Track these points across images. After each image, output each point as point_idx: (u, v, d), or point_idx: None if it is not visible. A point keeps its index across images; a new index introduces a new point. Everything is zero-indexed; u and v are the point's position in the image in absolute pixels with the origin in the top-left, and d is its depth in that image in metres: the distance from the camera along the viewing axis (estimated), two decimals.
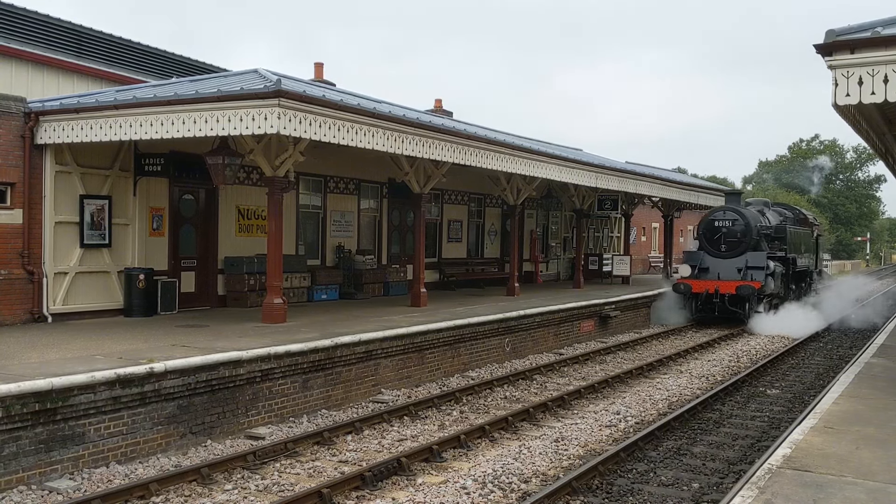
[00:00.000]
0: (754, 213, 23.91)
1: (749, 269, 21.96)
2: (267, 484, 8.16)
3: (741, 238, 22.49)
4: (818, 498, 5.70)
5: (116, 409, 8.72)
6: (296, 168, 15.03)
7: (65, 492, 7.81)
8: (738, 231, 22.61)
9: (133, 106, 12.47)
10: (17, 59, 15.36)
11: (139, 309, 14.30)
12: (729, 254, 22.55)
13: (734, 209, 23.19)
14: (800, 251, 26.09)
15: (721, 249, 22.74)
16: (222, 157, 13.37)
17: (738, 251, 22.44)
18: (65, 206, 13.74)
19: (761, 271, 21.90)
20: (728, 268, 22.25)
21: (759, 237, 22.84)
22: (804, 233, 27.47)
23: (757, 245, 22.71)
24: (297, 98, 11.56)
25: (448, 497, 7.68)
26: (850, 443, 7.24)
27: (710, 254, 22.87)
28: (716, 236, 22.84)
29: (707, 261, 22.76)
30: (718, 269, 22.44)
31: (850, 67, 8.02)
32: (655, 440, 9.88)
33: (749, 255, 22.25)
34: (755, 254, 22.35)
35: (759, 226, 23.09)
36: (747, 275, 21.78)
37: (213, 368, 9.76)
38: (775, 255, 23.15)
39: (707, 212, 24.55)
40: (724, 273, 22.21)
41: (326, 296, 18.43)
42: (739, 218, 22.77)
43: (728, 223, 22.84)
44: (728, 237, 22.69)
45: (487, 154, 16.77)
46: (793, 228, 25.58)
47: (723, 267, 22.40)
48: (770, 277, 22.01)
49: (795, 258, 25.22)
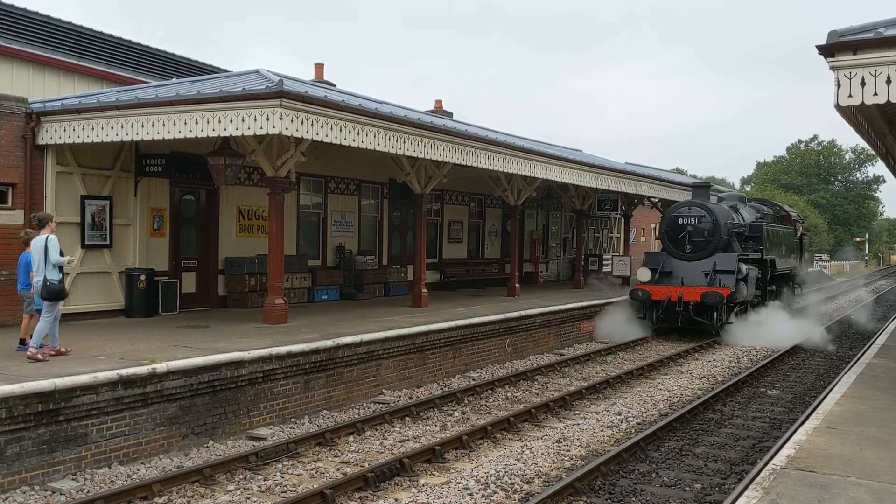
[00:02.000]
0: (725, 209, 21.11)
1: (718, 272, 19.14)
2: (269, 485, 8.16)
3: (708, 237, 19.65)
4: (823, 498, 5.70)
5: (119, 410, 8.72)
6: (297, 168, 15.04)
7: (67, 492, 7.81)
8: (704, 229, 19.73)
9: (135, 106, 12.46)
10: (19, 60, 15.34)
11: (140, 309, 14.29)
12: (695, 255, 19.74)
13: (701, 204, 20.25)
14: (780, 252, 23.34)
15: (686, 250, 19.88)
16: (224, 158, 13.37)
17: (705, 252, 19.62)
18: (66, 207, 13.73)
19: (731, 275, 19.10)
20: (694, 271, 19.48)
21: (730, 236, 20.02)
22: (785, 231, 24.65)
23: (728, 245, 19.93)
24: (299, 98, 11.56)
25: (451, 498, 7.68)
26: (853, 443, 7.25)
27: (673, 255, 20.05)
28: (679, 235, 19.94)
29: (670, 263, 19.92)
30: (683, 272, 19.60)
31: (852, 68, 8.05)
32: (657, 441, 9.88)
33: (718, 257, 19.42)
34: (725, 255, 19.52)
35: (730, 223, 20.22)
36: (715, 279, 19.03)
37: (215, 369, 9.76)
38: (748, 257, 20.49)
39: (670, 207, 21.39)
40: (689, 277, 19.43)
41: (327, 296, 18.42)
42: (706, 214, 19.88)
43: (693, 220, 19.88)
44: (693, 236, 19.82)
45: (488, 154, 16.78)
46: (771, 226, 22.87)
47: (688, 270, 19.60)
48: (742, 282, 19.35)
49: (774, 260, 22.50)
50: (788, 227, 25.11)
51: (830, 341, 19.30)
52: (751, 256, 20.67)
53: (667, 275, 19.72)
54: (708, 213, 19.92)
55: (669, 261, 19.99)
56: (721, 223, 19.77)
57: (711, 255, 19.51)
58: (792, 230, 25.45)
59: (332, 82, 20.11)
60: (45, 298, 9.73)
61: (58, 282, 9.79)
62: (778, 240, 23.24)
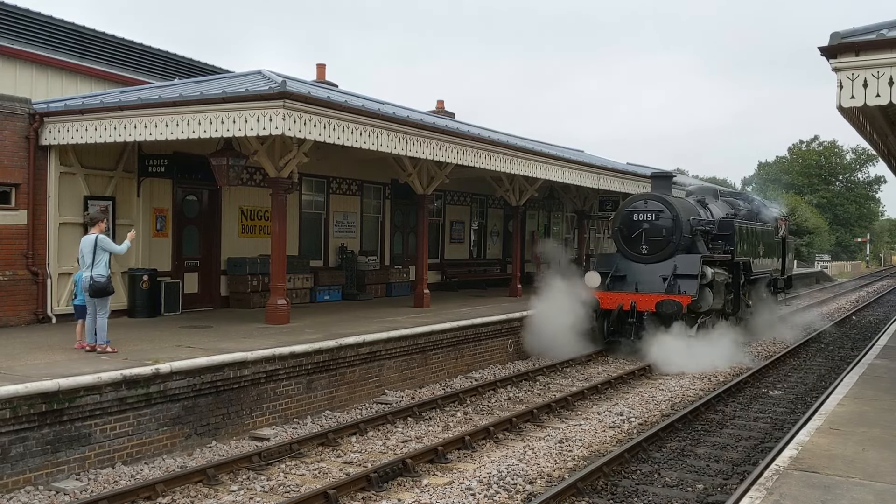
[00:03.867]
0: (689, 203, 18.36)
1: (678, 277, 16.27)
2: (272, 485, 8.17)
3: (668, 236, 16.85)
4: (826, 499, 5.72)
5: (122, 410, 8.74)
6: (299, 169, 15.05)
7: (71, 492, 7.82)
8: (663, 226, 16.92)
9: (138, 107, 12.49)
10: (21, 60, 15.37)
11: (143, 310, 14.31)
12: (652, 257, 16.94)
13: (659, 198, 17.34)
14: (756, 253, 20.18)
15: (642, 251, 17.05)
16: (226, 158, 13.40)
17: (664, 254, 16.82)
18: (69, 207, 13.76)
19: (693, 280, 16.11)
20: (650, 276, 16.65)
21: (695, 235, 17.26)
22: (764, 230, 21.29)
23: (691, 245, 17.20)
24: (302, 99, 11.58)
25: (453, 498, 7.69)
26: (856, 444, 7.26)
27: (627, 257, 17.25)
28: (634, 234, 17.12)
29: (624, 266, 17.14)
30: (638, 277, 16.81)
31: (855, 70, 8.05)
32: (659, 441, 9.89)
33: (679, 259, 16.61)
34: (686, 257, 16.72)
35: (695, 220, 17.43)
36: (675, 285, 16.18)
37: (218, 369, 9.78)
38: (714, 259, 17.62)
39: (624, 201, 18.53)
40: (645, 283, 16.65)
41: (329, 297, 18.45)
42: (666, 209, 17.04)
43: (650, 216, 17.11)
44: (650, 235, 17.02)
45: (490, 155, 16.79)
46: (745, 224, 19.69)
47: (644, 274, 16.77)
48: (707, 289, 16.46)
49: (749, 262, 19.44)
50: (768, 225, 21.95)
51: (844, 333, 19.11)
52: (718, 258, 17.81)
53: (620, 279, 16.93)
54: (667, 208, 17.06)
55: (624, 263, 17.19)
56: (683, 219, 16.97)
57: (672, 257, 16.73)
58: (772, 228, 22.27)
59: (335, 83, 20.13)
60: (93, 295, 10.19)
61: (104, 279, 10.22)
62: (754, 239, 20.21)
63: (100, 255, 10.22)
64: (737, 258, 18.53)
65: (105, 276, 10.26)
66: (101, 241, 10.30)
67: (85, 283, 10.24)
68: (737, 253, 18.53)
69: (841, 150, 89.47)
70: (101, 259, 10.24)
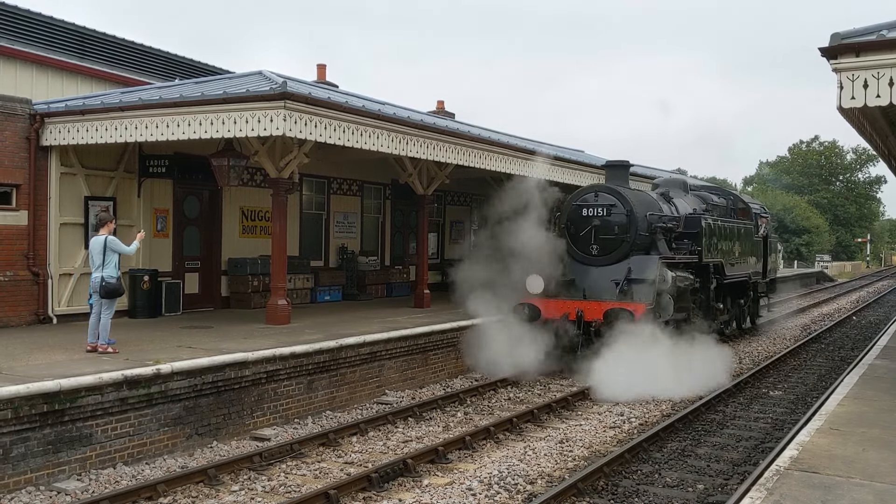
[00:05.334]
0: (647, 197, 15.93)
1: (632, 281, 14.00)
2: (273, 485, 8.19)
3: (621, 234, 14.52)
4: (826, 499, 5.73)
5: (123, 411, 8.75)
6: (299, 169, 15.07)
7: (73, 492, 7.84)
8: (616, 223, 14.61)
9: (138, 108, 12.51)
10: (21, 61, 15.38)
11: (144, 310, 14.33)
12: (603, 258, 14.60)
13: (612, 190, 14.97)
14: (731, 254, 17.86)
15: (591, 252, 14.72)
16: (227, 159, 13.43)
17: (617, 254, 14.52)
18: (70, 208, 13.78)
19: (650, 286, 13.81)
20: (601, 280, 14.36)
21: (654, 233, 14.84)
22: (741, 229, 18.79)
23: (650, 245, 14.80)
24: (303, 100, 11.60)
25: (454, 498, 7.70)
26: (856, 444, 7.27)
27: (576, 258, 14.87)
28: (583, 232, 14.75)
29: (573, 269, 14.76)
30: (588, 281, 14.47)
31: (855, 70, 8.07)
32: (660, 441, 9.90)
33: (634, 261, 14.30)
34: (643, 258, 14.37)
35: (654, 216, 15.01)
36: (630, 291, 13.92)
37: (219, 370, 9.79)
38: (676, 261, 15.03)
39: (572, 194, 15.73)
40: (594, 288, 14.29)
41: (330, 297, 18.47)
42: (619, 203, 14.69)
43: (601, 211, 14.76)
44: (601, 233, 14.65)
45: (490, 155, 16.80)
46: (717, 221, 17.25)
47: (594, 278, 14.46)
48: (667, 295, 14.06)
49: (721, 264, 17.08)
50: (746, 223, 19.36)
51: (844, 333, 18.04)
52: (681, 259, 15.25)
53: (568, 284, 14.56)
54: (620, 202, 14.67)
55: (572, 265, 14.81)
56: (639, 215, 14.60)
57: (626, 259, 14.44)
58: (752, 226, 19.66)
59: (335, 83, 20.15)
60: (103, 297, 10.33)
61: (115, 280, 10.37)
62: (729, 238, 17.77)
63: (109, 256, 10.31)
64: (706, 259, 16.15)
65: (116, 276, 10.37)
66: (110, 242, 10.37)
67: (95, 284, 10.33)
68: (706, 253, 16.13)
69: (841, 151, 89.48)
70: (110, 260, 10.33)
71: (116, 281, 10.40)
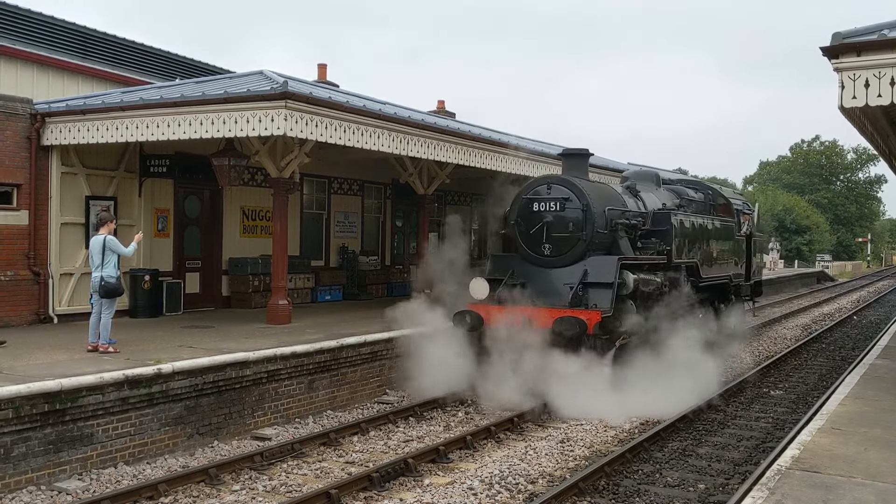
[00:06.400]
0: (609, 190, 14.09)
1: (588, 286, 12.22)
2: (275, 484, 8.19)
3: (576, 231, 12.60)
4: (828, 499, 5.73)
5: (124, 410, 8.75)
6: (300, 169, 15.07)
7: (74, 492, 7.84)
8: (570, 219, 12.67)
9: (139, 107, 12.51)
10: (22, 61, 15.40)
11: (144, 310, 14.33)
12: (556, 259, 12.69)
13: (566, 181, 13.00)
14: (708, 254, 15.94)
15: (544, 251, 12.79)
16: (228, 159, 13.43)
17: (572, 255, 12.61)
18: (70, 208, 13.79)
19: (607, 290, 12.05)
20: (554, 283, 12.50)
21: (615, 230, 12.99)
22: (720, 226, 16.85)
23: (611, 244, 13.01)
24: (304, 100, 11.60)
25: (455, 498, 7.70)
26: (857, 444, 7.27)
27: (527, 259, 12.97)
28: (533, 229, 12.87)
29: (523, 271, 12.90)
30: (539, 285, 12.61)
31: (856, 70, 8.06)
32: (661, 441, 9.90)
33: (591, 262, 12.43)
34: (601, 259, 12.51)
35: (616, 211, 13.16)
36: (585, 296, 12.15)
37: (220, 369, 9.79)
38: (641, 262, 13.24)
39: (523, 187, 13.63)
40: (545, 293, 12.42)
41: (330, 297, 18.47)
42: (574, 196, 12.73)
43: (554, 206, 12.82)
44: (554, 230, 12.71)
45: (491, 155, 16.79)
46: (692, 218, 15.34)
47: (546, 282, 12.61)
48: (629, 301, 12.47)
49: (696, 266, 15.17)
50: (726, 220, 17.49)
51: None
52: (645, 260, 13.44)
53: (518, 288, 12.62)
54: (576, 195, 12.74)
55: (523, 267, 12.97)
56: (596, 210, 12.70)
57: (583, 259, 12.58)
58: (733, 224, 17.71)
59: (336, 83, 20.14)
60: (103, 296, 10.36)
61: (115, 280, 10.39)
62: (705, 236, 15.90)
63: (109, 255, 10.34)
64: (676, 260, 14.31)
65: (115, 276, 10.39)
66: (108, 242, 10.39)
67: (95, 284, 10.36)
68: (677, 253, 14.32)
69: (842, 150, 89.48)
70: (109, 260, 10.35)
71: (116, 281, 10.42)
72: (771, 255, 48.65)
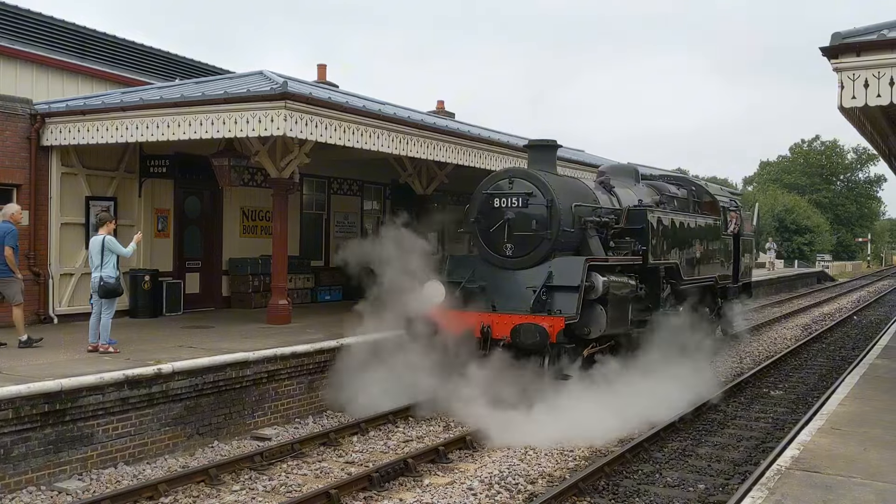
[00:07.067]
0: (578, 185, 12.92)
1: (553, 289, 11.16)
2: (274, 484, 8.19)
3: (540, 229, 11.55)
4: (828, 499, 5.73)
5: (124, 410, 8.76)
6: (300, 169, 15.07)
7: (74, 492, 7.85)
8: (534, 216, 11.61)
9: (139, 108, 12.53)
10: (22, 61, 15.39)
11: (144, 310, 14.35)
12: (519, 260, 11.70)
13: (529, 175, 11.94)
14: (690, 254, 14.73)
15: (506, 252, 11.77)
16: (228, 159, 13.45)
17: (536, 255, 11.60)
18: (71, 208, 13.80)
19: (573, 294, 10.99)
20: (517, 287, 11.51)
21: (584, 228, 12.00)
22: (704, 224, 15.66)
23: (580, 243, 12.01)
24: (304, 100, 11.61)
25: (455, 498, 7.71)
26: (857, 444, 7.28)
27: (489, 259, 11.96)
28: (494, 227, 11.81)
29: (483, 272, 11.88)
30: (500, 288, 11.65)
31: (855, 70, 8.06)
32: (660, 441, 9.89)
33: (556, 264, 11.36)
34: (568, 260, 11.44)
35: (585, 207, 12.18)
36: (550, 300, 11.10)
37: (220, 369, 9.80)
38: (611, 263, 12.03)
39: (483, 181, 12.44)
40: (506, 297, 11.49)
41: (330, 297, 18.47)
42: (538, 191, 11.66)
43: (517, 201, 11.76)
44: (517, 228, 11.67)
45: (490, 155, 16.79)
46: (670, 216, 14.12)
47: (509, 285, 11.64)
48: (598, 306, 11.23)
49: (677, 267, 13.99)
50: (711, 218, 16.34)
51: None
52: (615, 262, 12.23)
53: (478, 291, 11.74)
54: (540, 190, 11.67)
55: (484, 269, 11.94)
56: (563, 206, 11.66)
57: (548, 260, 11.55)
58: (719, 222, 16.56)
59: (335, 83, 20.15)
60: (102, 296, 10.37)
61: (114, 280, 10.40)
62: (686, 236, 14.66)
63: (108, 256, 10.37)
64: (653, 261, 13.16)
65: (114, 276, 10.41)
66: (107, 242, 10.43)
67: (94, 284, 10.39)
68: (653, 253, 13.18)
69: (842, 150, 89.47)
70: (108, 260, 10.38)
71: (115, 281, 10.43)
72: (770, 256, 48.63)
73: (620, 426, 10.08)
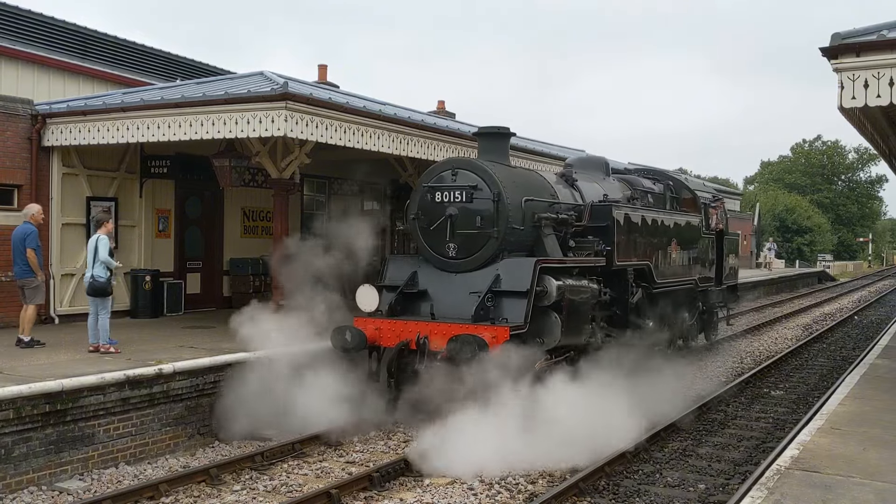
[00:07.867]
0: (532, 177, 11.74)
1: (499, 294, 10.04)
2: (275, 484, 8.20)
3: (485, 227, 10.36)
4: (827, 499, 5.74)
5: (125, 410, 8.79)
6: (300, 169, 15.07)
7: (75, 492, 7.87)
8: (479, 212, 10.41)
9: (140, 108, 12.54)
10: (23, 61, 15.43)
11: (145, 310, 14.37)
12: (463, 262, 10.56)
13: (474, 166, 10.70)
14: (664, 255, 13.40)
15: (448, 252, 10.61)
16: (228, 160, 13.46)
17: (481, 256, 10.45)
18: (71, 208, 13.81)
19: (521, 300, 9.84)
20: (458, 292, 10.37)
21: (538, 226, 10.78)
22: (682, 222, 14.35)
23: (533, 243, 10.82)
24: (304, 101, 11.62)
25: (455, 498, 7.72)
26: (857, 444, 7.28)
27: (431, 261, 10.83)
28: (436, 224, 10.65)
29: (425, 275, 10.80)
30: (441, 293, 10.58)
31: (855, 70, 8.06)
32: (661, 441, 9.90)
33: (504, 265, 10.25)
34: (518, 261, 10.26)
35: (539, 203, 10.97)
36: (497, 307, 9.96)
37: (221, 369, 9.81)
38: (568, 265, 10.81)
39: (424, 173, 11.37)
40: (446, 303, 10.41)
41: None
42: (484, 184, 10.44)
43: (460, 196, 10.55)
44: (461, 226, 10.50)
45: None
46: (640, 212, 12.82)
47: (451, 290, 10.51)
48: (553, 313, 10.15)
49: (649, 269, 12.77)
50: (690, 215, 15.00)
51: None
52: (575, 264, 11.01)
53: (417, 297, 10.74)
54: (486, 183, 10.45)
55: (424, 270, 10.86)
56: (511, 201, 10.44)
57: (496, 262, 10.38)
58: (698, 220, 15.23)
59: (336, 84, 20.16)
60: (90, 294, 10.45)
61: (103, 279, 10.45)
62: (659, 235, 13.33)
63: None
64: (620, 262, 11.87)
65: (104, 276, 10.43)
66: (100, 242, 10.49)
67: (86, 283, 10.48)
68: (620, 254, 11.89)
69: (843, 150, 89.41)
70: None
71: (105, 280, 10.45)
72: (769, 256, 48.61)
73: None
